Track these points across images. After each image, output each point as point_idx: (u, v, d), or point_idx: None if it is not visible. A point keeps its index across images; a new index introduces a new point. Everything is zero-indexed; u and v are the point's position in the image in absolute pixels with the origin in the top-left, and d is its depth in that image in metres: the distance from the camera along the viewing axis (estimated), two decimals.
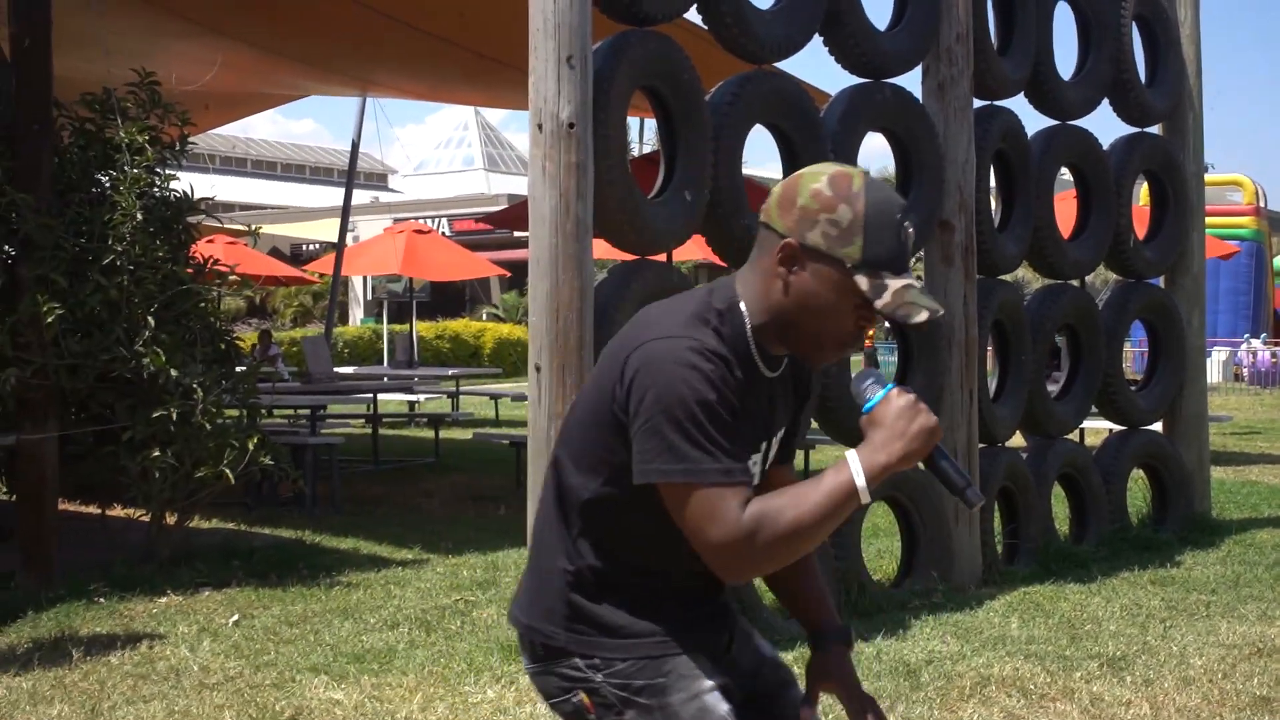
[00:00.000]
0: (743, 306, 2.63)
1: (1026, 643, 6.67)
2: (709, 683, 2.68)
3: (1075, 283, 9.43)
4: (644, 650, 2.70)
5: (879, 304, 2.52)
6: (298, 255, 36.77)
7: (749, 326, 2.63)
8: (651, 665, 2.69)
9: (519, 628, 2.82)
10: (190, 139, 8.89)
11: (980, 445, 8.27)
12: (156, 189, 8.19)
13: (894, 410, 2.50)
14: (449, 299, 41.58)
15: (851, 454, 2.49)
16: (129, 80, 8.40)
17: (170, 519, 8.55)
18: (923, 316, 2.52)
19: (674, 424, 2.49)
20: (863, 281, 2.52)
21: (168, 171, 8.36)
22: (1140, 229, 9.88)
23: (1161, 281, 10.26)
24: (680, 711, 2.66)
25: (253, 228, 10.10)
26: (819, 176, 2.56)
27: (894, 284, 2.52)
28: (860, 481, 2.45)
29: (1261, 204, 34.86)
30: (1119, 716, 5.51)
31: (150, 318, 7.84)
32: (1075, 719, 5.49)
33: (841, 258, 2.52)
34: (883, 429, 2.50)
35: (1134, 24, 9.52)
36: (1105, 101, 9.46)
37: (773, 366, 2.70)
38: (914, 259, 2.27)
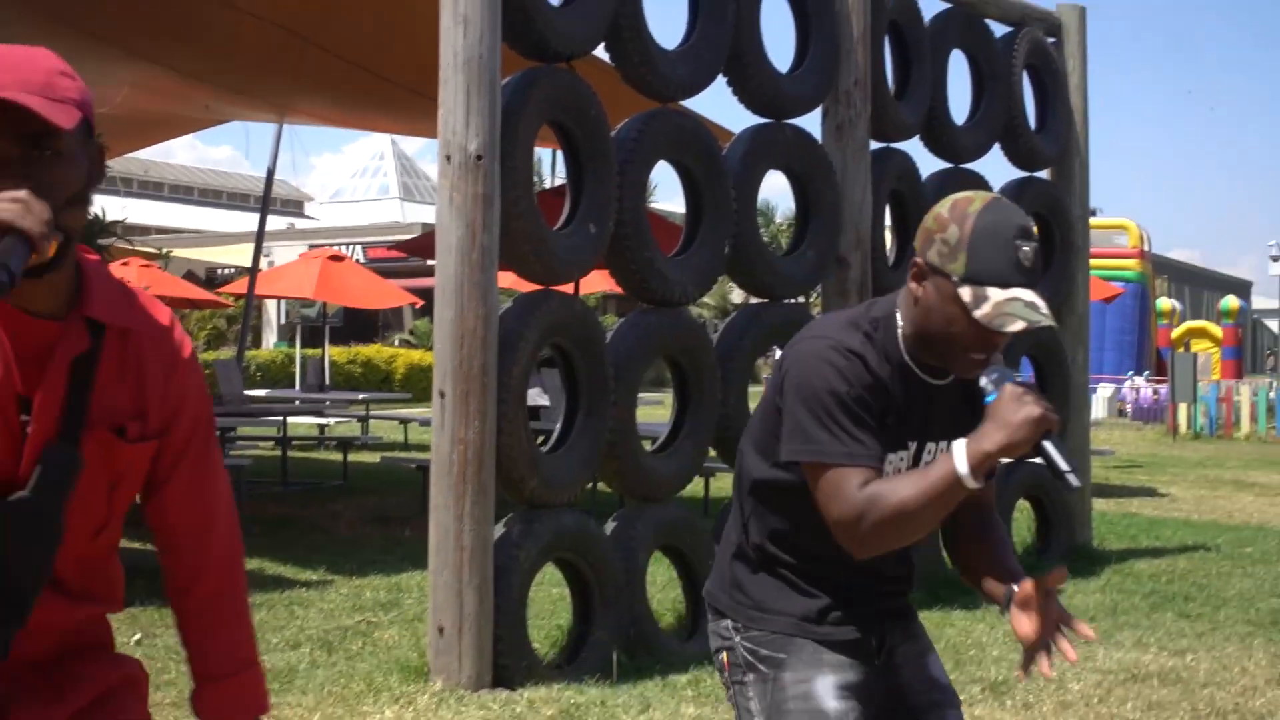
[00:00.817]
0: (898, 317, 2.81)
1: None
2: (826, 676, 2.83)
3: None
4: (778, 626, 2.89)
5: (978, 314, 2.62)
6: (212, 279, 36.28)
7: (900, 335, 2.81)
8: (780, 640, 2.88)
9: (705, 590, 3.13)
10: (107, 164, 8.76)
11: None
12: None
13: (1003, 402, 2.60)
14: (362, 324, 41.25)
15: (959, 442, 2.60)
16: None
17: None
18: (1016, 326, 2.63)
19: (808, 409, 2.71)
20: (965, 293, 2.63)
21: None
22: None
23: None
24: (788, 689, 2.84)
25: (164, 251, 10.01)
26: (946, 202, 2.74)
27: (996, 296, 2.62)
28: (963, 469, 2.55)
29: (1146, 247, 35.54)
30: None
31: None
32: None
33: (949, 272, 2.66)
34: (991, 419, 2.60)
35: (1025, 73, 9.67)
36: (997, 146, 9.59)
37: (936, 375, 2.84)
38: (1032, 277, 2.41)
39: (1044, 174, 10.05)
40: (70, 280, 2.03)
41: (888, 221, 8.81)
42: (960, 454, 2.57)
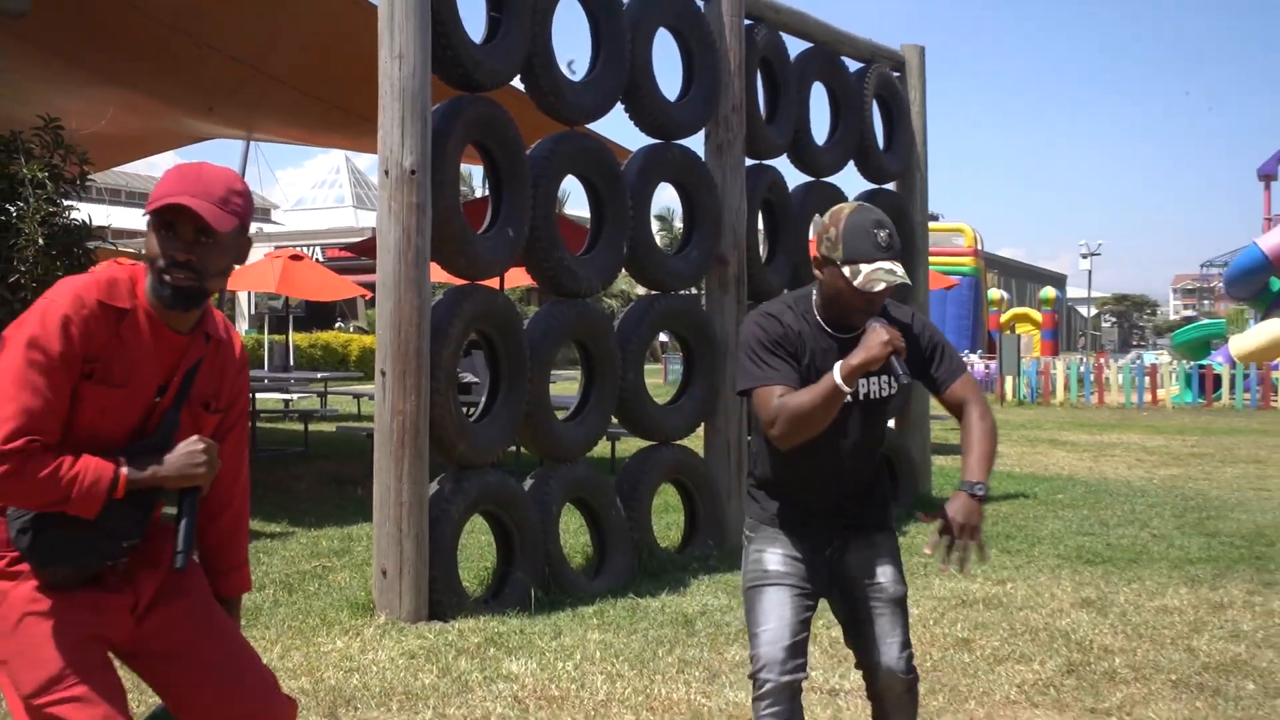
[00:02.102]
0: (814, 295, 3.42)
1: None
2: (776, 550, 3.47)
3: None
4: (760, 517, 3.56)
5: (856, 283, 3.20)
6: None
7: (815, 305, 3.41)
8: (757, 525, 3.56)
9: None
10: (90, 176, 8.63)
11: (749, 437, 8.39)
12: (58, 219, 7.91)
13: (867, 333, 3.23)
14: (321, 314, 40.80)
15: (837, 364, 3.20)
16: (34, 124, 8.12)
17: None
18: (879, 287, 3.19)
19: (743, 354, 3.40)
20: (846, 271, 3.22)
21: (67, 203, 8.07)
22: None
23: None
24: (749, 552, 3.55)
25: (143, 253, 9.80)
26: (830, 211, 3.35)
27: (865, 269, 3.20)
28: (838, 378, 3.18)
29: (979, 247, 36.04)
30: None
31: None
32: (817, 657, 5.57)
33: (834, 259, 3.25)
34: (859, 345, 3.21)
35: (874, 102, 9.77)
36: (851, 163, 9.68)
37: (843, 331, 3.38)
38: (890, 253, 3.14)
39: (891, 186, 10.16)
40: (200, 312, 2.71)
41: (760, 226, 8.86)
42: (837, 369, 3.19)
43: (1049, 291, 40.17)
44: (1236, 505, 10.51)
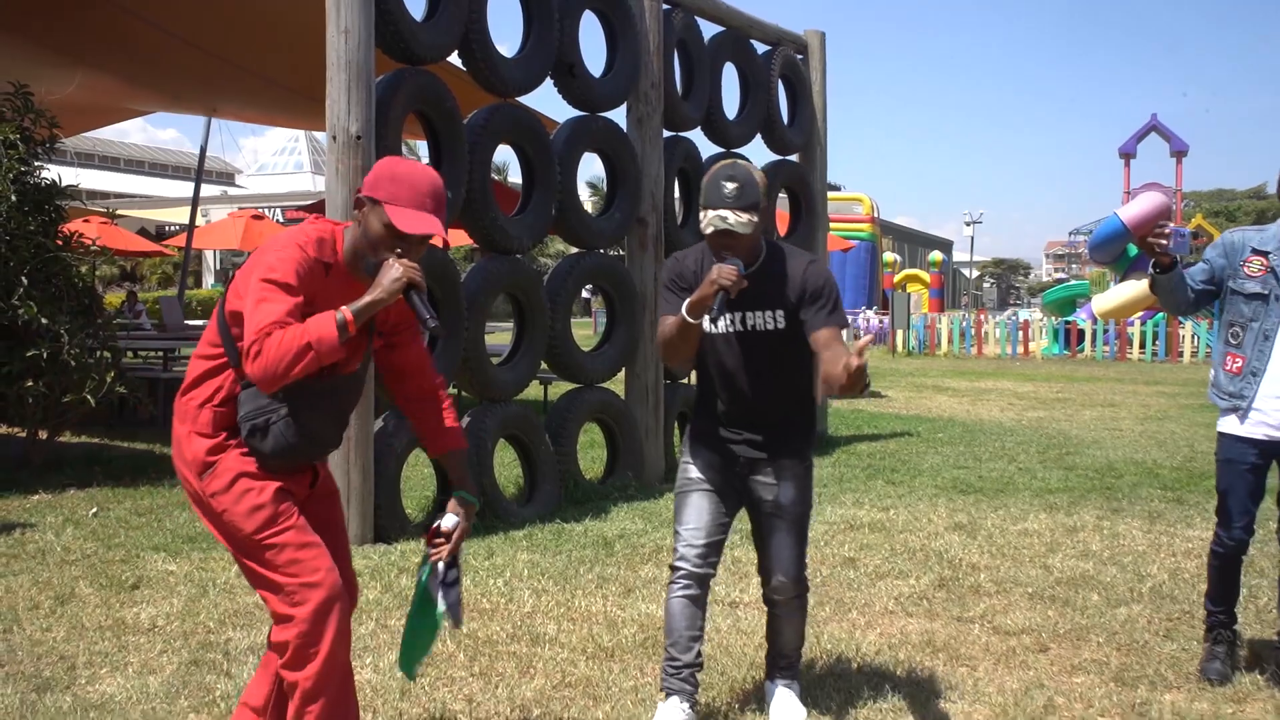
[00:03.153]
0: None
1: None
2: (698, 461, 3.64)
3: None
4: (690, 433, 3.73)
5: (702, 226, 3.36)
6: (161, 234, 34.90)
7: (706, 248, 3.50)
8: (688, 439, 3.73)
9: None
10: (60, 139, 8.38)
11: (665, 381, 8.43)
12: (29, 178, 7.69)
13: (707, 276, 3.34)
14: None
15: (687, 300, 3.33)
16: (5, 90, 7.87)
17: (43, 434, 8.11)
18: (710, 230, 3.33)
19: (660, 288, 3.66)
20: (702, 216, 3.37)
21: (37, 164, 7.85)
22: (782, 229, 10.16)
23: None
24: (680, 462, 3.71)
25: (111, 210, 9.60)
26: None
27: (709, 215, 3.34)
28: (683, 312, 3.32)
29: (876, 214, 36.27)
30: (750, 572, 5.67)
31: (24, 278, 7.41)
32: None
33: (700, 205, 3.39)
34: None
35: (779, 82, 9.76)
36: (759, 136, 9.67)
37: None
38: (729, 209, 3.33)
39: (794, 157, 10.18)
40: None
41: (676, 192, 8.84)
42: (684, 304, 3.35)
43: (937, 255, 40.56)
44: (1092, 443, 10.75)
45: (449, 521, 3.00)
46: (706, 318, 3.33)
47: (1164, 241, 4.00)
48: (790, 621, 3.76)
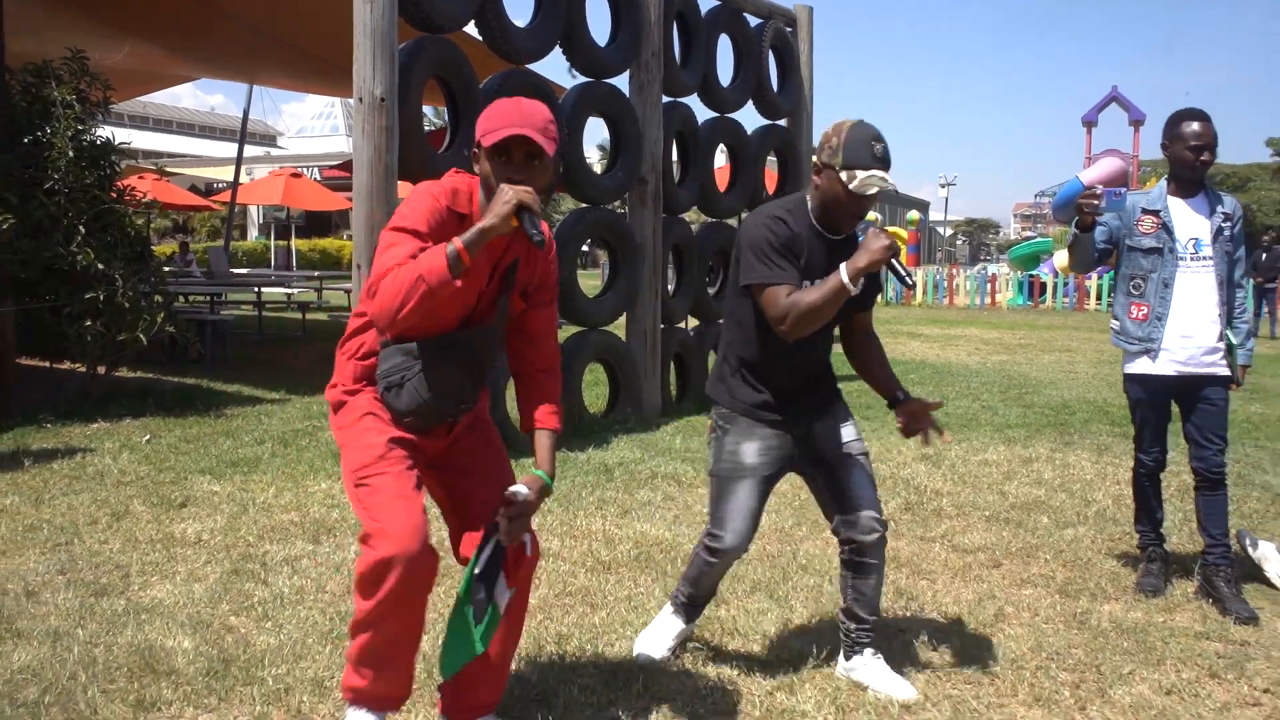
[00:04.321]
0: (807, 200, 3.15)
1: (685, 452, 6.85)
2: (753, 442, 3.20)
3: (730, 222, 9.60)
4: (735, 406, 3.24)
5: (851, 186, 2.98)
6: (210, 190, 34.72)
7: (809, 210, 3.13)
8: (733, 414, 3.24)
9: (706, 386, 3.42)
10: (113, 101, 8.31)
11: (662, 325, 8.42)
12: (85, 136, 7.64)
13: (867, 237, 2.99)
14: (319, 223, 39.90)
15: (843, 265, 2.96)
16: (63, 56, 7.80)
17: (101, 370, 8.13)
18: (872, 190, 2.98)
19: (752, 253, 3.08)
20: (844, 175, 2.99)
21: (92, 123, 7.79)
22: (771, 188, 10.09)
23: None
24: (726, 443, 3.24)
25: (161, 167, 9.57)
26: (831, 124, 3.08)
27: (861, 175, 2.98)
28: (845, 278, 2.95)
29: None
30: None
31: (81, 227, 7.40)
32: (708, 498, 5.67)
33: (834, 164, 3.02)
34: (861, 248, 2.98)
35: (770, 52, 9.64)
36: (751, 102, 9.57)
37: (834, 233, 3.13)
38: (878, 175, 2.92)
39: (783, 123, 10.08)
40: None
41: (675, 154, 8.77)
42: (843, 269, 2.95)
43: (914, 214, 40.27)
44: (1049, 384, 10.75)
45: (520, 491, 2.66)
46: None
47: (1095, 202, 4.09)
48: (878, 568, 3.27)
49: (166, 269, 8.69)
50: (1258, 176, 49.55)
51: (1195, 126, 4.13)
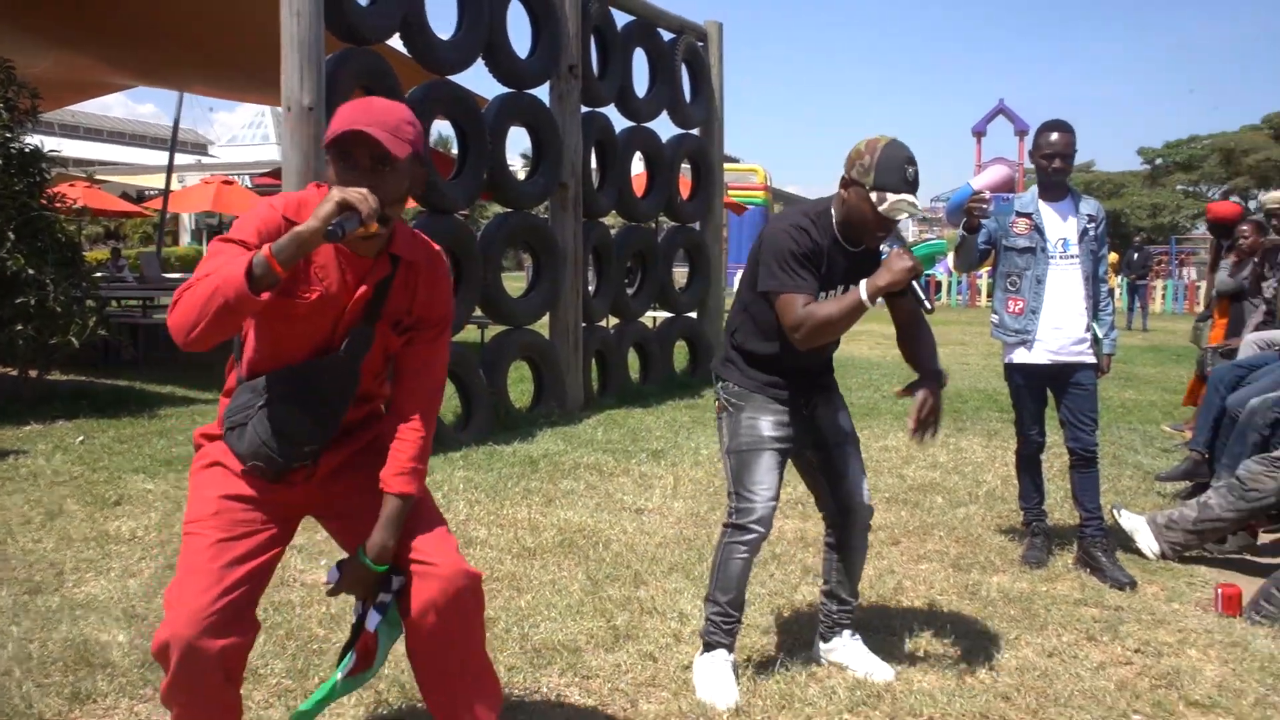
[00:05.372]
0: (832, 212, 3.02)
1: (606, 443, 6.87)
2: (768, 417, 3.09)
3: (647, 225, 9.64)
4: (748, 385, 3.13)
5: (881, 208, 2.87)
6: (142, 197, 33.75)
7: (834, 222, 3.02)
8: (745, 392, 3.13)
9: (712, 365, 3.32)
10: (42, 110, 8.04)
11: (584, 324, 8.42)
12: (13, 144, 7.37)
13: (890, 256, 2.88)
14: None
15: (863, 282, 2.87)
16: None
17: (33, 373, 7.87)
18: (902, 215, 2.88)
19: (774, 259, 2.96)
20: (874, 195, 2.87)
21: (20, 131, 7.51)
22: (685, 193, 10.14)
23: (698, 226, 10.55)
24: (741, 419, 3.11)
25: (90, 174, 9.28)
26: (864, 141, 2.94)
27: (891, 198, 2.86)
28: (864, 295, 2.85)
29: (770, 184, 36.31)
30: (654, 484, 5.74)
31: (11, 233, 7.15)
32: (629, 486, 5.70)
33: (864, 183, 2.89)
34: (883, 266, 2.87)
35: (683, 65, 9.70)
36: (666, 112, 9.61)
37: (855, 246, 3.03)
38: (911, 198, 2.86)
39: (696, 132, 10.13)
40: (386, 239, 2.24)
41: (594, 161, 8.77)
42: (863, 287, 2.86)
43: None
44: None
45: (331, 574, 2.33)
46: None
47: (984, 206, 4.23)
48: (862, 552, 3.28)
49: (98, 274, 8.43)
50: (1130, 183, 51.21)
51: (1049, 137, 4.32)
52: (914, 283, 2.87)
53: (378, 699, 2.97)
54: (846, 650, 3.27)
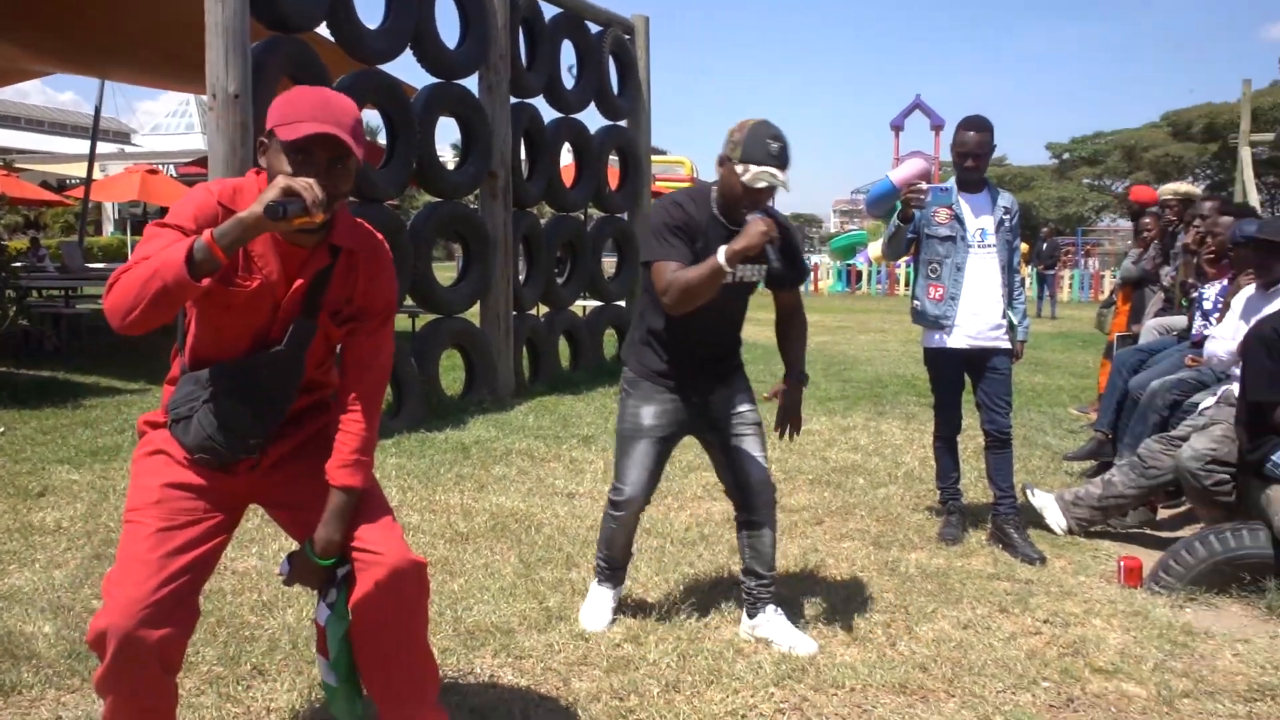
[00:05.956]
0: (713, 191, 3.15)
1: (537, 429, 6.84)
2: (651, 405, 3.25)
3: (576, 215, 9.61)
4: (640, 371, 3.28)
5: (744, 179, 2.98)
6: (63, 186, 32.60)
7: (712, 199, 3.14)
8: (636, 379, 3.28)
9: (620, 352, 3.35)
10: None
11: (514, 312, 8.37)
12: None
13: (749, 223, 2.94)
14: None
15: (722, 248, 2.93)
16: None
17: None
18: (762, 184, 2.97)
19: (651, 233, 3.10)
20: (739, 168, 3.00)
21: None
22: (613, 183, 10.12)
23: (626, 216, 10.53)
24: (628, 405, 3.29)
25: (8, 162, 8.93)
26: (739, 122, 3.05)
27: (754, 169, 2.97)
28: (721, 259, 2.92)
29: (695, 174, 36.39)
30: (585, 469, 5.75)
31: None
32: (560, 471, 5.70)
33: (733, 157, 3.02)
34: (740, 234, 2.94)
35: (610, 57, 9.67)
36: (594, 104, 9.57)
37: (735, 223, 3.09)
38: (778, 169, 2.99)
39: (623, 123, 10.11)
40: (326, 229, 2.21)
41: (523, 152, 8.71)
42: (721, 252, 2.93)
43: None
44: (865, 361, 11.16)
45: (282, 568, 2.32)
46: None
47: (922, 197, 4.27)
48: (770, 528, 3.33)
49: (17, 264, 8.13)
50: (1039, 177, 52.46)
51: (963, 135, 4.40)
52: (768, 247, 2.97)
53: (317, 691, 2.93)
54: (770, 625, 3.32)
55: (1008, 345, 4.45)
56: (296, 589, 3.23)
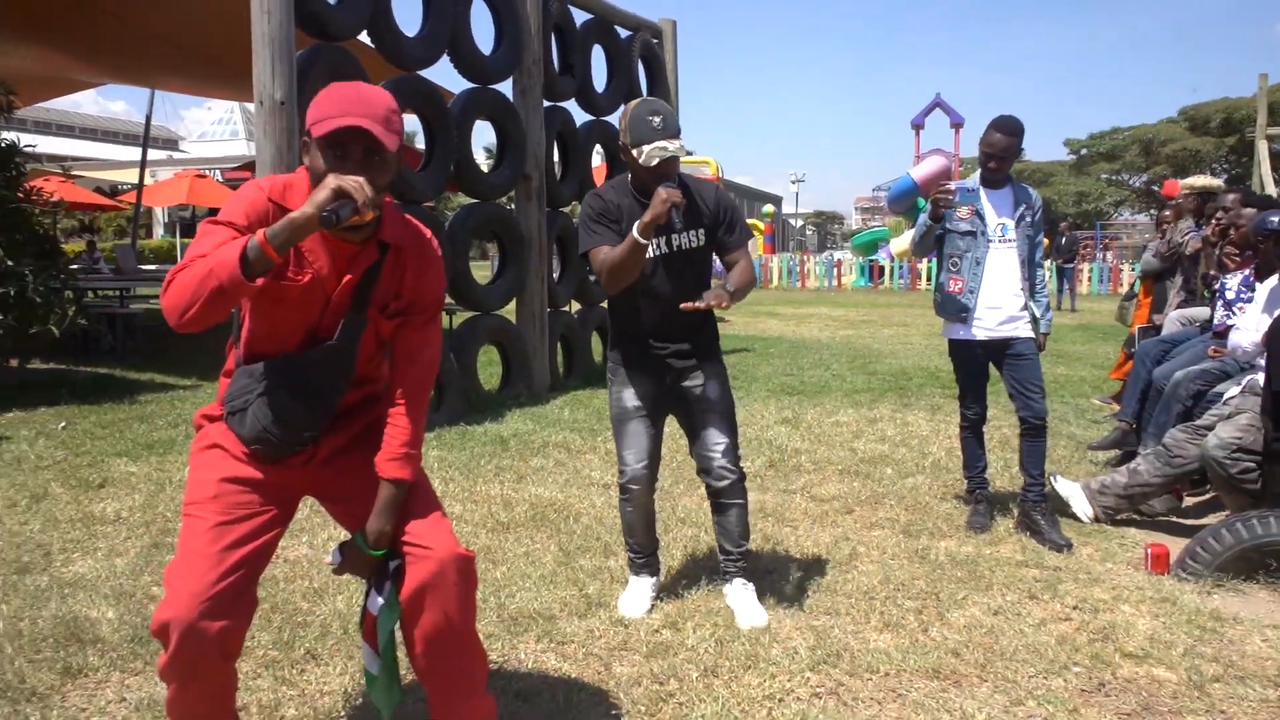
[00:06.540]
0: (629, 176, 3.20)
1: (572, 422, 6.85)
2: (630, 388, 3.30)
3: None
4: (616, 359, 3.35)
5: (641, 160, 3.03)
6: (115, 191, 33.03)
7: (629, 184, 3.19)
8: (615, 366, 3.35)
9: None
10: (17, 106, 7.83)
11: (548, 309, 8.38)
12: None
13: (654, 196, 2.96)
14: None
15: (635, 224, 2.98)
16: None
17: (14, 362, 7.69)
18: (655, 161, 3.01)
19: (580, 224, 3.20)
20: (634, 152, 3.06)
21: None
22: None
23: None
24: (613, 391, 3.35)
25: (66, 169, 9.07)
26: (622, 108, 3.24)
27: (646, 149, 3.02)
28: (635, 233, 2.95)
29: (721, 175, 36.31)
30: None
31: None
32: (595, 462, 5.69)
33: (626, 143, 3.09)
34: (649, 207, 2.97)
35: (639, 61, 9.66)
36: (622, 106, 9.54)
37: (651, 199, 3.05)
38: (668, 142, 3.03)
39: None
40: (375, 224, 2.18)
41: (556, 153, 8.71)
42: (635, 227, 2.97)
43: (769, 208, 40.91)
44: (889, 354, 11.08)
45: (334, 557, 2.28)
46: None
47: (950, 196, 4.23)
48: (735, 508, 3.39)
49: (74, 266, 8.24)
50: (1058, 172, 51.88)
51: (992, 135, 4.35)
52: (673, 213, 2.97)
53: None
54: (734, 596, 3.41)
55: (1029, 333, 4.40)
56: (345, 576, 3.25)
